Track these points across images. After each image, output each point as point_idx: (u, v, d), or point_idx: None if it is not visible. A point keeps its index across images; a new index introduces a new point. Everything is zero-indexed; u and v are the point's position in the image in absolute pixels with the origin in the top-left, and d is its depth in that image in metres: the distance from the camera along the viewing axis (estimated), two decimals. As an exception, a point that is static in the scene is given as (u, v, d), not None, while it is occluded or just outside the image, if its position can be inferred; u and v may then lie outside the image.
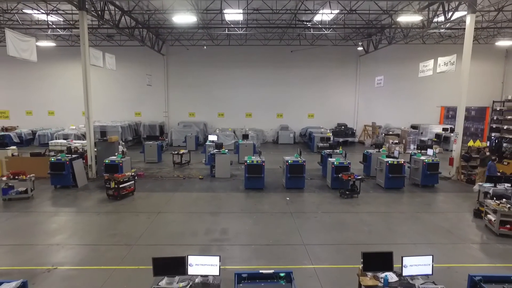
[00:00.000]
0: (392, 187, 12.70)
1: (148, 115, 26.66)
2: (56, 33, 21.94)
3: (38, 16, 17.96)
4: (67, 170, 12.15)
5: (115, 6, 16.12)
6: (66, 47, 24.65)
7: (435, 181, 13.20)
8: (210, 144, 16.95)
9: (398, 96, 26.24)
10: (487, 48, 25.04)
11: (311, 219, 9.56)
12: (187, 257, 4.83)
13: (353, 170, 12.69)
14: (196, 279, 4.83)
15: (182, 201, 11.21)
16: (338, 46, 25.10)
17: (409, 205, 11.06)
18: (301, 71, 26.04)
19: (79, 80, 24.75)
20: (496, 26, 19.96)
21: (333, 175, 12.40)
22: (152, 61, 25.57)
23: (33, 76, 25.68)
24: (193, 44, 24.59)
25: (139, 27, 19.35)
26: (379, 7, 16.09)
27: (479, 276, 4.32)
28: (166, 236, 8.22)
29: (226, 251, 7.34)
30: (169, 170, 15.84)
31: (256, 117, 26.60)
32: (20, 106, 26.40)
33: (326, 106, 26.60)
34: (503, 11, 17.33)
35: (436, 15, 16.15)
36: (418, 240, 8.12)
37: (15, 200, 10.86)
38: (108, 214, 9.80)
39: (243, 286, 4.24)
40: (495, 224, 8.39)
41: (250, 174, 12.32)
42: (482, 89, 26.35)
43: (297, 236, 8.31)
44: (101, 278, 6.25)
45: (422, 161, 13.00)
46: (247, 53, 25.55)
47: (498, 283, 4.20)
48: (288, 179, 12.50)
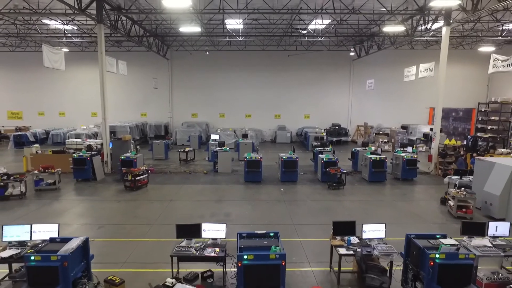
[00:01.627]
0: (375, 180, 14.33)
1: (153, 116, 28.30)
2: (69, 40, 23.51)
3: (55, 26, 19.53)
4: (88, 165, 13.80)
5: (126, 17, 17.76)
6: (76, 52, 26.23)
7: (414, 175, 14.85)
8: (213, 142, 18.59)
9: (389, 97, 27.86)
10: (472, 53, 26.69)
11: (301, 206, 11.20)
12: (202, 224, 6.46)
13: (343, 166, 14.34)
14: (208, 241, 6.46)
15: (190, 191, 12.84)
16: (332, 51, 26.75)
17: (388, 195, 12.70)
18: (297, 74, 27.68)
19: (88, 83, 26.90)
20: (478, 34, 21.60)
21: (322, 170, 14.03)
22: (157, 65, 27.22)
23: (45, 79, 27.29)
24: (196, 49, 26.23)
25: (147, 35, 20.98)
26: (366, 18, 17.73)
27: (413, 234, 5.94)
28: (178, 218, 9.82)
29: (229, 228, 8.95)
30: (176, 166, 17.47)
31: (255, 118, 28.24)
32: (32, 107, 28.02)
33: (321, 107, 28.23)
34: (480, 22, 19.01)
35: (419, 25, 17.80)
36: (388, 221, 9.71)
37: (44, 191, 12.50)
38: (127, 202, 11.44)
39: (243, 241, 5.84)
40: (454, 208, 10.03)
41: (249, 169, 13.96)
42: (469, 92, 28.06)
43: (288, 218, 9.95)
44: (131, 247, 7.88)
45: (402, 157, 14.65)
46: (247, 58, 27.21)
47: (425, 239, 5.81)
48: (283, 173, 14.14)
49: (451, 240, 5.64)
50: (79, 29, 20.56)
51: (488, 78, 28.19)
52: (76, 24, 19.54)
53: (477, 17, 17.74)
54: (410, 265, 5.74)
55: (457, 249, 5.29)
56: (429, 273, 5.17)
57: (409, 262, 5.79)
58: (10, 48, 25.44)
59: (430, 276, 5.16)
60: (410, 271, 5.76)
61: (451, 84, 28.06)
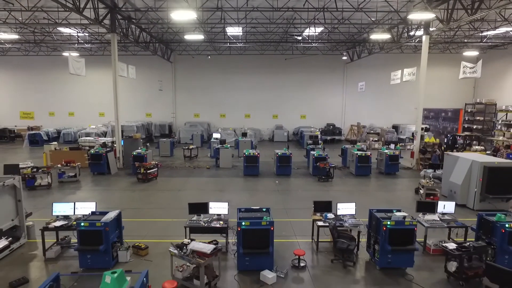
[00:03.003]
0: (361, 174, 15.97)
1: (157, 116, 29.94)
2: (80, 45, 25.12)
3: (69, 33, 21.14)
4: (103, 160, 15.43)
5: (135, 25, 19.38)
6: (85, 56, 27.78)
7: (396, 170, 16.49)
8: (215, 140, 20.23)
9: (381, 98, 29.50)
10: (459, 57, 28.27)
11: (293, 195, 12.84)
12: (209, 203, 8.09)
13: (335, 162, 15.96)
14: (214, 216, 8.09)
15: (195, 183, 14.47)
16: (327, 55, 28.42)
17: (370, 186, 14.34)
18: (294, 77, 29.33)
19: (96, 85, 28.53)
20: (461, 40, 23.24)
21: (313, 164, 15.67)
22: (161, 68, 28.86)
23: (55, 81, 28.95)
24: (198, 53, 27.88)
25: (154, 41, 22.61)
26: (355, 27, 19.38)
27: (375, 209, 7.57)
28: (187, 204, 11.43)
29: (230, 210, 10.60)
30: (181, 162, 19.10)
31: (254, 118, 29.89)
32: (43, 107, 29.66)
33: (317, 108, 29.89)
34: (461, 29, 20.65)
35: (404, 32, 19.44)
36: (365, 206, 11.35)
37: (67, 182, 14.13)
38: (141, 191, 13.08)
39: (242, 214, 7.45)
40: (423, 196, 11.67)
41: (248, 163, 15.60)
42: (457, 93, 29.77)
43: (281, 204, 11.59)
44: (148, 225, 9.53)
45: (386, 153, 16.30)
46: (246, 61, 28.86)
47: (383, 212, 7.43)
48: (278, 168, 15.79)
49: (403, 213, 7.26)
50: (90, 36, 22.17)
51: (475, 81, 29.86)
52: (88, 32, 21.15)
53: (457, 26, 19.35)
54: (371, 233, 7.38)
55: (403, 218, 6.93)
56: (383, 236, 6.81)
57: (371, 230, 7.43)
58: (24, 52, 27.06)
59: (383, 238, 6.79)
60: (372, 238, 7.40)
61: (440, 86, 29.81)
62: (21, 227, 7.95)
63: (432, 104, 29.32)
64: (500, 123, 25.79)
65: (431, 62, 24.68)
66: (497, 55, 27.18)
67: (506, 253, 6.84)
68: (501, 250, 6.85)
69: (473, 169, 11.04)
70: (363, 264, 7.43)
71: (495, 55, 27.35)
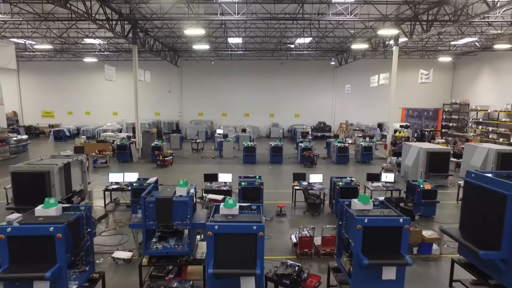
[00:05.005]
0: (340, 162, 19.24)
1: (166, 115, 33.24)
2: (99, 52, 28.41)
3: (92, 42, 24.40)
4: (128, 150, 18.70)
5: (150, 37, 22.67)
6: (102, 61, 31.08)
7: (370, 159, 19.76)
8: (218, 135, 23.50)
9: (367, 99, 32.74)
10: (438, 62, 31.60)
11: (282, 176, 16.11)
12: (218, 174, 11.36)
13: (321, 154, 19.22)
14: (222, 183, 11.37)
15: (204, 168, 17.70)
16: (318, 60, 31.73)
17: (345, 170, 17.60)
18: (289, 80, 32.63)
19: (110, 86, 31.75)
20: (435, 49, 26.56)
21: (301, 154, 18.94)
22: (169, 72, 32.15)
23: (74, 83, 32.23)
24: (202, 59, 31.17)
25: (165, 49, 25.90)
26: (339, 38, 22.68)
27: (334, 177, 10.81)
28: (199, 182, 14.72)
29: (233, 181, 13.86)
30: (190, 153, 22.38)
31: (252, 116, 33.19)
32: (63, 107, 32.94)
33: (309, 107, 33.18)
34: (431, 40, 23.94)
35: (380, 43, 22.74)
36: (338, 183, 14.64)
37: (99, 168, 17.40)
38: (161, 174, 16.34)
39: (241, 179, 10.69)
40: (383, 175, 14.93)
41: (247, 153, 18.88)
42: (436, 94, 33.00)
43: (273, 182, 14.86)
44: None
45: (361, 145, 19.58)
46: (245, 66, 32.18)
47: (339, 178, 10.67)
48: (272, 156, 19.07)
49: (352, 178, 10.52)
50: (109, 44, 25.46)
51: (452, 83, 33.19)
52: (108, 41, 24.43)
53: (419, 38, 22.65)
54: (331, 193, 10.66)
55: (351, 181, 10.21)
56: (336, 193, 10.08)
57: (331, 191, 10.70)
58: (48, 58, 30.35)
59: (337, 194, 10.07)
60: (331, 196, 10.67)
61: (423, 88, 33.01)
62: (85, 191, 11.21)
63: (416, 104, 32.66)
64: (471, 121, 29.13)
65: (413, 66, 27.96)
66: (470, 61, 30.45)
67: (421, 204, 10.13)
68: (418, 202, 10.13)
69: (420, 154, 14.31)
70: (326, 214, 10.71)
71: (468, 60, 30.63)
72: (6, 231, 4.41)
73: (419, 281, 6.90)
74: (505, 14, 16.57)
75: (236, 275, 4.49)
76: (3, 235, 4.40)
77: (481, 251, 4.89)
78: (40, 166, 9.16)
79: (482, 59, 28.67)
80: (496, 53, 26.45)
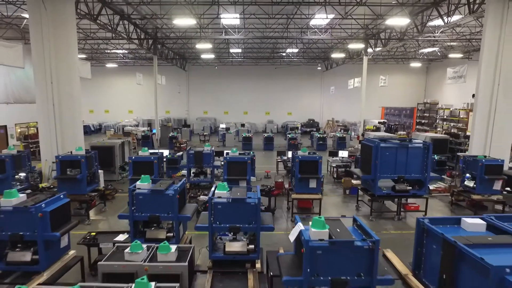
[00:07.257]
0: (319, 149, 23.99)
1: (174, 112, 38.04)
2: (120, 59, 33.27)
3: (116, 51, 29.21)
4: (150, 139, 23.50)
5: (166, 48, 27.48)
6: (120, 66, 35.90)
7: (344, 147, 24.49)
8: (222, 129, 28.35)
9: (351, 99, 37.44)
10: (414, 67, 36.41)
11: (272, 158, 20.90)
12: (224, 151, 16.14)
13: (305, 144, 23.98)
14: (226, 158, 16.15)
15: (211, 153, 22.50)
16: (307, 65, 36.56)
17: (321, 154, 22.35)
18: (282, 82, 37.45)
19: (126, 88, 36.56)
20: (408, 56, 31.38)
21: (288, 143, 23.73)
22: (178, 75, 36.95)
23: (96, 85, 36.99)
24: (207, 64, 36.00)
25: (177, 57, 30.74)
26: (321, 49, 27.51)
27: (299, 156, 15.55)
28: (208, 161, 19.52)
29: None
30: (198, 143, 27.16)
31: (250, 114, 38.03)
32: (85, 106, 37.66)
33: (300, 106, 38.00)
34: (398, 50, 28.75)
35: (354, 53, 27.56)
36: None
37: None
38: (178, 156, 21.11)
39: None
40: (348, 156, 19.76)
41: (244, 142, 23.69)
42: (412, 94, 37.74)
43: (265, 162, 19.64)
44: (190, 167, 17.64)
45: (337, 136, 24.39)
46: (245, 70, 37.03)
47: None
48: (265, 145, 23.90)
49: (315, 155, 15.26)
50: (130, 53, 30.28)
51: (425, 84, 38.00)
52: (131, 51, 29.24)
53: (389, 48, 27.46)
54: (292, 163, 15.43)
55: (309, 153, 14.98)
56: (296, 165, 14.85)
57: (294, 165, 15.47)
58: (74, 63, 35.10)
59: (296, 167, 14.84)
60: (303, 166, 15.44)
61: (401, 89, 37.88)
62: (131, 163, 15.93)
63: (395, 103, 37.42)
64: (439, 118, 33.92)
65: (390, 70, 32.41)
66: (438, 66, 35.26)
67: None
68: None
69: (375, 140, 19.09)
70: (298, 178, 15.47)
71: (437, 66, 35.45)
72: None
73: (344, 207, 11.70)
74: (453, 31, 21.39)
75: (237, 180, 9.32)
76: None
77: (362, 176, 9.72)
78: (108, 142, 13.96)
79: (446, 65, 33.44)
80: (457, 60, 31.28)
